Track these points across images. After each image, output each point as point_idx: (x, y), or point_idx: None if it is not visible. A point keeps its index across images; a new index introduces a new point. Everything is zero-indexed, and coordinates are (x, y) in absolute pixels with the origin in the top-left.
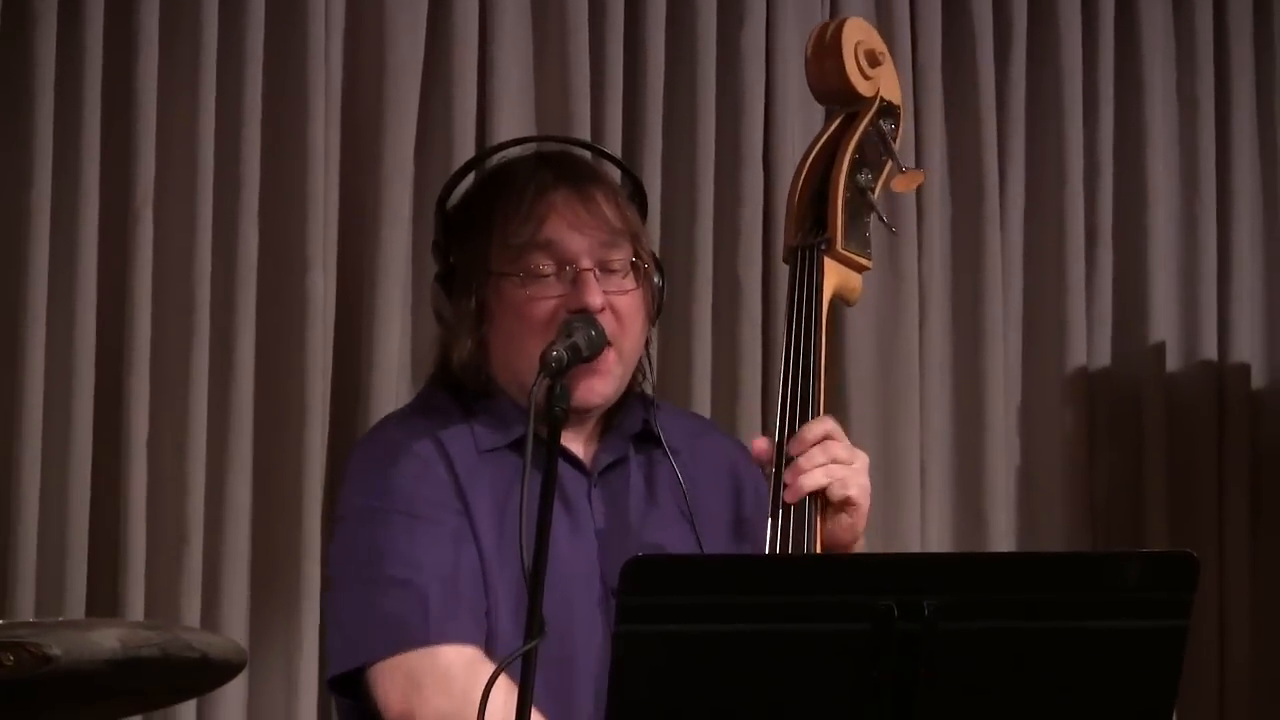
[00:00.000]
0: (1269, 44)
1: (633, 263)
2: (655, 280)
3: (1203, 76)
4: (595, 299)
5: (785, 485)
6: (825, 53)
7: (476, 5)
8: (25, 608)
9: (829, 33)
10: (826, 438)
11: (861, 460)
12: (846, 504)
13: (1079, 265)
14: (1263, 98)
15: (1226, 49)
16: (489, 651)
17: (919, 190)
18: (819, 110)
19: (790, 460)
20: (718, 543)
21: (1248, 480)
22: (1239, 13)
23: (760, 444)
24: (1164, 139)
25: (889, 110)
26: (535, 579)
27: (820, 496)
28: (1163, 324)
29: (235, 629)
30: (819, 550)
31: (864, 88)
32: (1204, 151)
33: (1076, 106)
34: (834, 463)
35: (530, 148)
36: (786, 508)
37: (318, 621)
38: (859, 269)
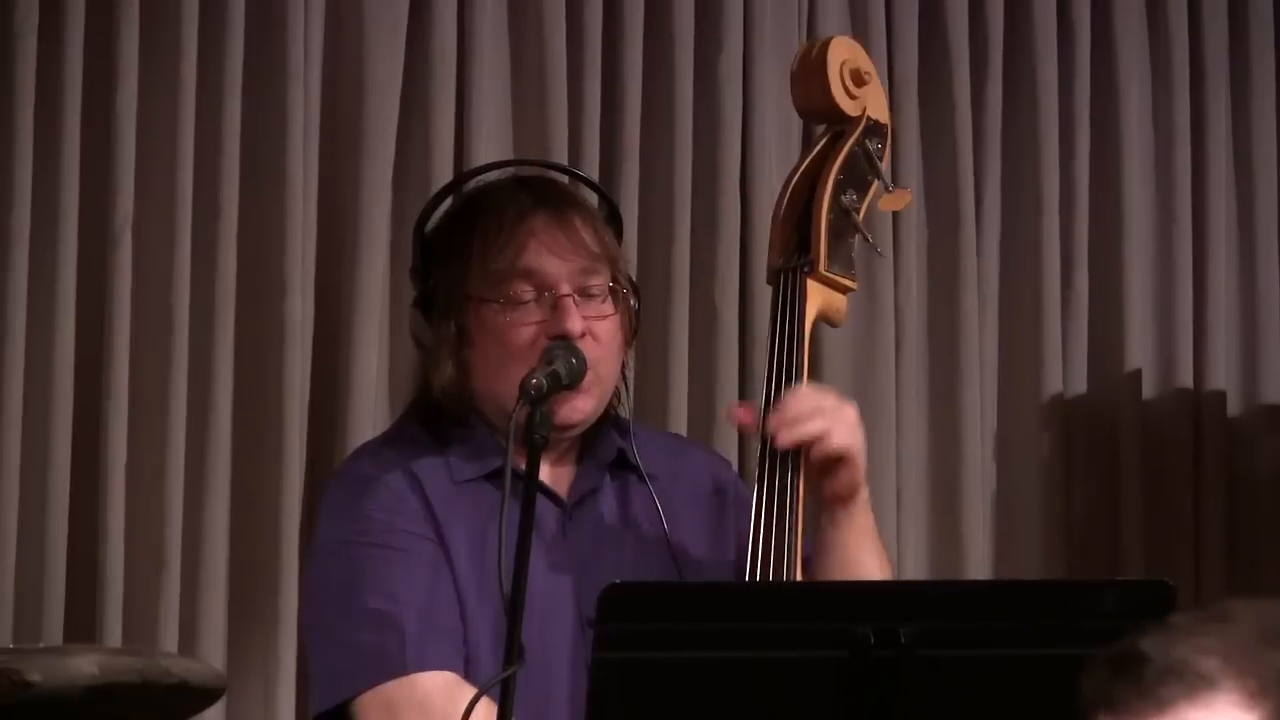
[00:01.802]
0: (1245, 71)
1: (611, 288)
2: (632, 304)
3: (1179, 103)
4: (575, 325)
5: (773, 437)
6: (810, 71)
7: (455, 31)
8: (3, 634)
9: (814, 51)
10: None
11: (849, 411)
12: (843, 459)
13: (1055, 292)
14: (1238, 125)
15: (1202, 76)
16: (468, 680)
17: (895, 216)
18: (797, 136)
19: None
20: (696, 569)
21: (1224, 507)
22: (1215, 39)
23: (737, 410)
24: (1140, 166)
25: (875, 129)
26: (514, 605)
27: (804, 461)
28: (1139, 351)
29: (213, 654)
30: (798, 571)
31: (849, 107)
32: (1180, 178)
33: (1053, 133)
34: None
35: (508, 171)
36: (771, 505)
37: (296, 646)
38: (843, 290)
